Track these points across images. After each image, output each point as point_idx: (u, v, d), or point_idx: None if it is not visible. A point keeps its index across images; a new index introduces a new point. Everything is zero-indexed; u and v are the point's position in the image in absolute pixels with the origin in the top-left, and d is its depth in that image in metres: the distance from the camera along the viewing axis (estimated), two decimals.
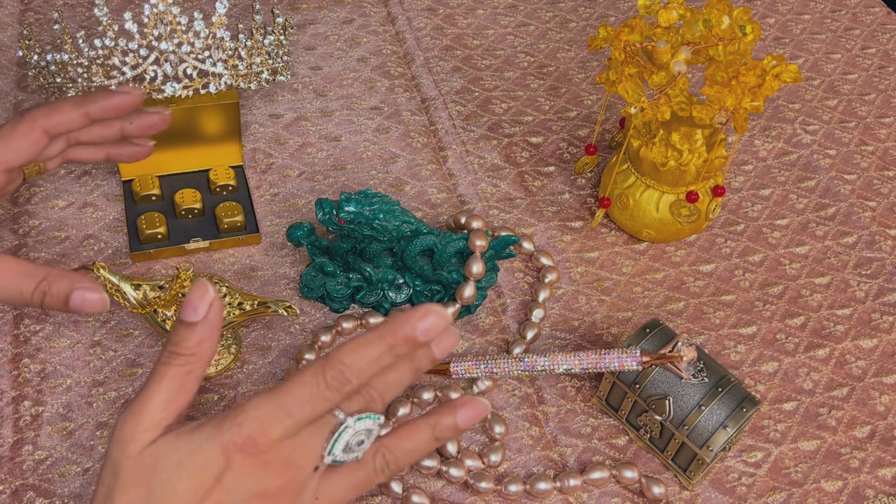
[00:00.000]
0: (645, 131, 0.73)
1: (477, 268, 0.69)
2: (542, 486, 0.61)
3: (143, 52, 0.67)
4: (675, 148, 0.71)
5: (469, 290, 0.69)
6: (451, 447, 0.63)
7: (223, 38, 0.69)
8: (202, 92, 0.71)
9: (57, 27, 0.69)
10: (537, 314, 0.71)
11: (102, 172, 0.78)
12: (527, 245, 0.76)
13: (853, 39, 1.03)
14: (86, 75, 0.68)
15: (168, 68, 0.68)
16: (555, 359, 0.62)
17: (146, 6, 0.66)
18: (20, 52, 0.74)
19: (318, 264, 0.71)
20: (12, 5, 0.93)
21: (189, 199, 0.74)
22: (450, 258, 0.70)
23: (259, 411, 0.43)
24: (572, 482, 0.62)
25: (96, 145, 0.65)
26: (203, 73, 0.70)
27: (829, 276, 0.78)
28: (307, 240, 0.70)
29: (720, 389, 0.60)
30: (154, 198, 0.76)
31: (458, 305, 0.70)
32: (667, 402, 0.61)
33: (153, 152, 0.75)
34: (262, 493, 0.43)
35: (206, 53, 0.69)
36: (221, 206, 0.74)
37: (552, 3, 1.03)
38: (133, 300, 0.61)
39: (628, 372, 0.62)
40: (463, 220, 0.72)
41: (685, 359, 0.60)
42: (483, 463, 0.63)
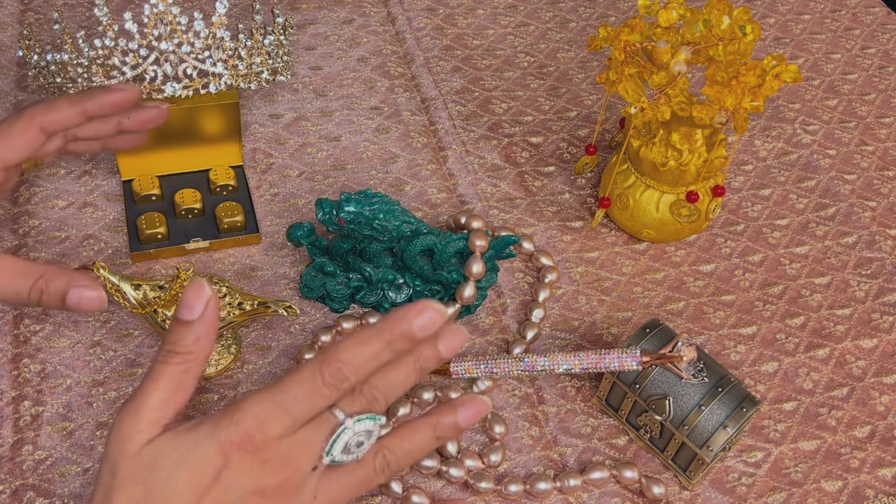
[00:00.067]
0: (645, 131, 0.73)
1: (477, 268, 0.69)
2: (542, 486, 0.61)
3: (143, 52, 0.67)
4: (675, 148, 0.71)
5: (469, 290, 0.69)
6: (451, 447, 0.63)
7: (223, 38, 0.69)
8: (202, 92, 0.71)
9: (57, 27, 0.69)
10: (537, 314, 0.71)
11: (102, 172, 0.78)
12: (527, 245, 0.76)
13: (853, 39, 1.03)
14: (86, 75, 0.68)
15: (168, 68, 0.68)
16: (555, 359, 0.62)
17: (146, 6, 0.66)
18: (20, 52, 0.74)
19: (318, 264, 0.71)
20: (12, 5, 0.93)
21: (189, 199, 0.74)
22: (450, 258, 0.70)
23: (257, 409, 0.43)
24: (572, 482, 0.62)
25: (94, 140, 0.65)
26: (203, 73, 0.70)
27: (829, 276, 0.78)
28: (307, 240, 0.70)
29: (720, 389, 0.60)
30: (154, 198, 0.76)
31: (458, 305, 0.70)
32: (667, 402, 0.61)
33: (153, 152, 0.75)
34: (260, 491, 0.43)
35: (206, 53, 0.69)
36: (221, 206, 0.74)
37: (552, 3, 1.03)
38: (133, 300, 0.61)
39: (628, 372, 0.62)
40: (463, 220, 0.72)
41: (685, 359, 0.60)
42: (483, 463, 0.63)
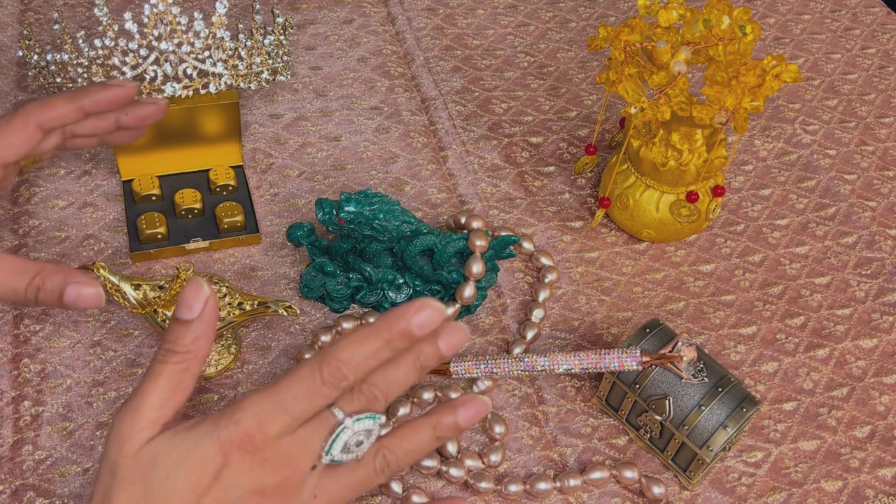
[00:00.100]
0: (645, 131, 0.73)
1: (477, 268, 0.69)
2: (542, 486, 0.61)
3: (143, 52, 0.67)
4: (675, 148, 0.71)
5: (469, 290, 0.69)
6: (451, 447, 0.62)
7: (223, 38, 0.69)
8: (202, 92, 0.71)
9: (57, 27, 0.69)
10: (537, 314, 0.71)
11: (102, 172, 0.78)
12: (527, 245, 0.76)
13: (853, 39, 1.03)
14: (86, 75, 0.68)
15: (168, 68, 0.68)
16: (555, 359, 0.62)
17: (146, 6, 0.66)
18: (20, 52, 0.74)
19: (318, 264, 0.71)
20: (12, 5, 0.93)
21: (189, 199, 0.74)
22: (450, 258, 0.70)
23: (256, 408, 0.43)
24: (572, 482, 0.62)
25: (92, 136, 0.65)
26: (203, 73, 0.70)
27: (829, 276, 0.78)
28: (307, 240, 0.70)
29: (720, 389, 0.60)
30: (154, 198, 0.76)
31: (458, 305, 0.70)
32: (667, 402, 0.61)
33: (153, 152, 0.75)
34: (259, 490, 0.43)
35: (206, 53, 0.69)
36: (221, 206, 0.74)
37: (552, 3, 1.03)
38: (133, 300, 0.61)
39: (628, 372, 0.62)
40: (463, 220, 0.72)
41: (685, 359, 0.60)
42: (483, 463, 0.63)
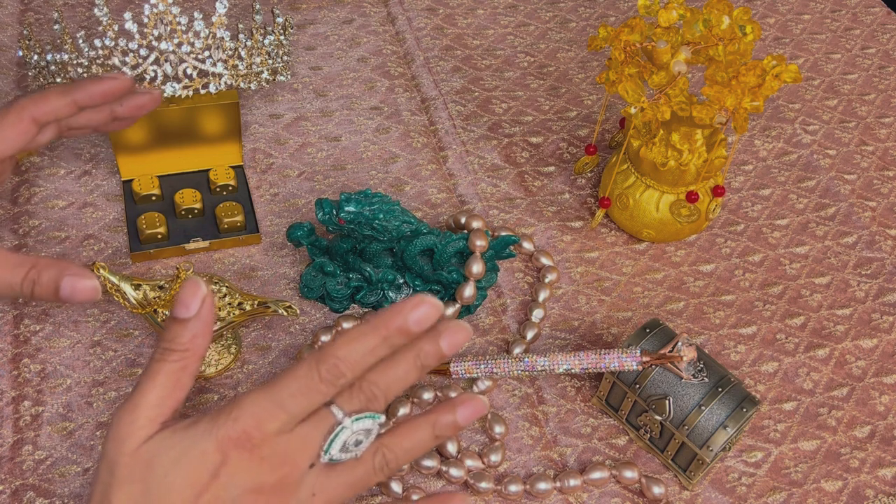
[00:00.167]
0: (645, 131, 0.73)
1: (477, 268, 0.69)
2: (542, 486, 0.61)
3: (143, 52, 0.67)
4: (675, 148, 0.71)
5: (469, 290, 0.69)
6: (451, 447, 0.62)
7: (223, 38, 0.69)
8: (202, 92, 0.71)
9: (57, 27, 0.69)
10: (537, 314, 0.71)
11: (102, 172, 0.78)
12: (527, 245, 0.76)
13: (853, 39, 1.03)
14: (86, 75, 0.68)
15: (168, 68, 0.68)
16: (555, 359, 0.62)
17: (146, 6, 0.66)
18: (20, 52, 0.74)
19: (318, 264, 0.71)
20: (12, 5, 0.93)
21: (189, 199, 0.74)
22: (450, 258, 0.70)
23: (254, 406, 0.43)
24: (572, 482, 0.62)
25: (87, 127, 0.65)
26: (203, 73, 0.70)
27: (829, 276, 0.78)
28: (307, 240, 0.70)
29: (720, 389, 0.60)
30: (154, 198, 0.76)
31: (458, 305, 0.70)
32: (667, 402, 0.61)
33: (153, 152, 0.75)
34: (258, 488, 0.43)
35: (206, 53, 0.69)
36: (221, 206, 0.74)
37: (552, 3, 1.03)
38: (133, 300, 0.61)
39: (628, 372, 0.62)
40: (463, 220, 0.72)
41: (685, 359, 0.60)
42: (483, 463, 0.63)
